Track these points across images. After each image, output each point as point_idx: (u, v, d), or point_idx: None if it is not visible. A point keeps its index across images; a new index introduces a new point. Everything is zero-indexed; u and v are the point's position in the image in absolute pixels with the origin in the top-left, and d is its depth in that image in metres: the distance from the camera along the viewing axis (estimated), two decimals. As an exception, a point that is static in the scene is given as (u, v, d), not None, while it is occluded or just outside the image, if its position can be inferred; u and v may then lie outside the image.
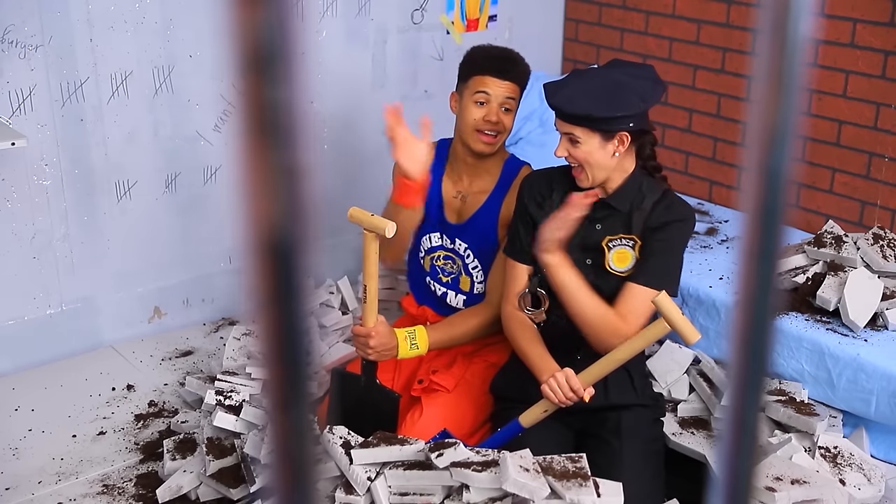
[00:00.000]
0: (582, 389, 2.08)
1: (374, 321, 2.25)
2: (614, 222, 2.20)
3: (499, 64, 2.37)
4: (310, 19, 2.96)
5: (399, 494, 1.94)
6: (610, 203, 2.19)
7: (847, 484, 2.11)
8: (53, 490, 2.20)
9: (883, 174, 2.96)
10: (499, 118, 2.36)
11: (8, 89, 2.54)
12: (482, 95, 2.36)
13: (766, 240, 0.50)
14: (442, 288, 2.57)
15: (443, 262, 2.55)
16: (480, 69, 2.38)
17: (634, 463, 2.15)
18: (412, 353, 2.34)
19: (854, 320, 2.41)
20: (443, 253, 2.55)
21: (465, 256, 2.52)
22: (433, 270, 2.58)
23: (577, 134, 2.11)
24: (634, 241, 2.18)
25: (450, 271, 2.55)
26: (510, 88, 2.37)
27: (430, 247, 2.56)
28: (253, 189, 0.42)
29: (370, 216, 2.14)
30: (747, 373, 0.53)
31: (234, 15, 0.40)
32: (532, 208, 2.26)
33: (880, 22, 2.87)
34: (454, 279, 2.55)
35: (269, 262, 0.43)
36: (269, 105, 0.41)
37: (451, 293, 2.56)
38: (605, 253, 2.18)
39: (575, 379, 2.08)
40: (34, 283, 2.73)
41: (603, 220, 2.20)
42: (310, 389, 0.46)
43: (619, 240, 2.19)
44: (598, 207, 2.19)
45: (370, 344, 2.24)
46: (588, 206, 2.11)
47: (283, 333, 0.45)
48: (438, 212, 2.53)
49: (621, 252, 2.19)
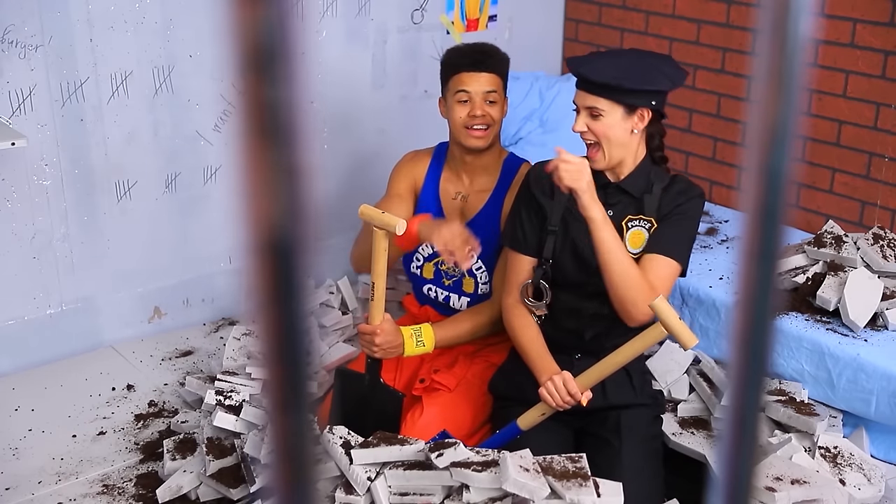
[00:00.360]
0: (580, 393, 2.07)
1: (380, 319, 2.25)
2: (626, 207, 2.21)
3: (472, 58, 2.39)
4: (310, 19, 2.96)
5: (399, 494, 1.94)
6: (623, 188, 2.20)
7: (847, 484, 2.11)
8: (53, 490, 2.20)
9: (883, 174, 2.96)
10: (484, 111, 2.37)
11: (8, 89, 2.54)
12: (463, 94, 2.38)
13: (766, 240, 0.50)
14: (444, 292, 2.57)
15: (446, 265, 2.55)
16: (455, 68, 2.40)
17: (634, 462, 2.15)
18: (418, 351, 2.34)
19: (854, 320, 2.41)
20: None
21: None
22: (437, 275, 2.58)
23: (600, 106, 2.11)
24: (651, 224, 2.19)
25: (452, 274, 2.55)
26: (489, 80, 2.38)
27: (431, 252, 2.55)
28: (253, 189, 0.42)
29: (381, 213, 2.17)
30: (747, 373, 0.53)
31: (234, 15, 0.40)
32: (540, 197, 2.25)
33: (880, 22, 2.87)
34: (456, 282, 2.55)
35: (269, 262, 0.43)
36: (269, 105, 0.41)
37: (453, 296, 2.56)
38: (623, 233, 2.19)
39: (573, 383, 2.08)
40: (34, 283, 2.73)
41: (615, 205, 2.21)
42: (310, 389, 0.46)
43: (639, 220, 2.20)
44: (610, 192, 2.20)
45: (376, 341, 2.24)
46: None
47: (283, 333, 0.45)
48: (437, 215, 2.53)
49: (637, 233, 2.19)
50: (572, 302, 2.23)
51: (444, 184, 2.54)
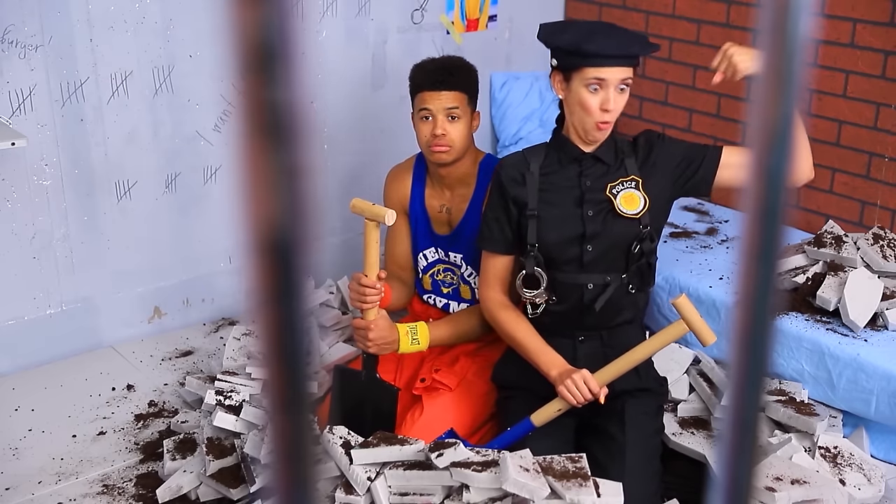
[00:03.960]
0: (599, 390, 2.08)
1: (374, 315, 2.26)
2: (603, 175, 2.22)
3: (433, 77, 2.40)
4: (310, 19, 2.96)
5: (399, 494, 1.94)
6: (597, 156, 2.22)
7: (847, 484, 2.11)
8: (53, 490, 2.20)
9: (883, 174, 2.96)
10: (444, 130, 2.39)
11: (8, 89, 2.54)
12: (425, 111, 2.41)
13: (766, 240, 0.50)
14: (443, 300, 2.61)
15: (443, 275, 2.59)
16: (418, 87, 2.44)
17: (637, 460, 2.15)
18: (413, 348, 2.35)
19: (854, 320, 2.41)
20: (442, 266, 2.59)
21: (461, 267, 2.54)
22: (434, 286, 2.61)
23: (631, 76, 2.12)
24: (636, 181, 2.20)
25: (450, 282, 2.59)
26: (450, 98, 2.40)
27: (426, 264, 2.59)
28: (253, 189, 0.42)
29: (371, 205, 2.20)
30: (747, 373, 0.53)
31: (234, 15, 0.40)
32: (513, 189, 2.24)
33: (880, 22, 2.87)
34: (454, 290, 2.58)
35: (269, 262, 0.43)
36: (269, 105, 0.41)
37: (452, 304, 2.59)
38: (613, 200, 2.19)
39: (593, 381, 2.08)
40: (34, 283, 2.73)
41: (591, 174, 2.22)
42: (310, 389, 0.46)
43: (621, 184, 2.20)
44: (586, 163, 2.22)
45: (369, 336, 2.25)
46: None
47: (283, 333, 0.45)
48: (426, 228, 2.58)
49: (628, 195, 2.19)
50: (571, 278, 2.22)
51: (428, 200, 2.58)
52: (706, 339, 2.07)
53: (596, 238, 2.18)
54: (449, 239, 2.54)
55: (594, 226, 2.18)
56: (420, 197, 2.58)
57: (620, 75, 2.09)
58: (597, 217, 2.19)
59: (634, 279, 2.22)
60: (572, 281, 2.22)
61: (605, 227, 2.18)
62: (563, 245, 2.21)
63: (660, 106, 3.55)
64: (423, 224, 2.58)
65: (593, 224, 2.18)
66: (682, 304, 2.07)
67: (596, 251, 2.19)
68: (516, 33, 3.57)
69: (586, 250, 2.19)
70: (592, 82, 2.09)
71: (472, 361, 2.49)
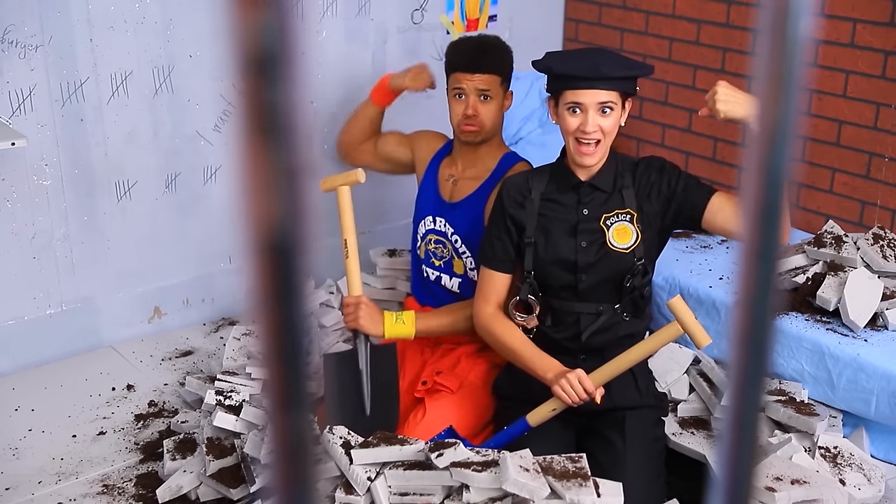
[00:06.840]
0: (594, 390, 2.08)
1: (360, 289, 2.37)
2: (602, 204, 2.21)
3: (468, 58, 2.46)
4: (310, 19, 2.96)
5: (399, 494, 1.94)
6: (595, 185, 2.21)
7: (847, 484, 2.11)
8: (53, 490, 2.20)
9: (883, 174, 2.96)
10: (476, 110, 2.46)
11: (8, 89, 2.54)
12: (458, 90, 2.48)
13: (766, 240, 0.50)
14: (435, 272, 2.63)
15: (434, 245, 2.62)
16: (453, 67, 2.49)
17: (637, 464, 2.15)
18: (398, 329, 2.38)
19: (854, 320, 2.41)
20: (433, 237, 2.62)
21: (454, 241, 2.55)
22: (426, 256, 2.64)
23: (613, 99, 2.11)
24: (631, 214, 2.19)
25: (441, 255, 2.61)
26: (483, 80, 2.45)
27: (424, 232, 2.64)
28: (253, 189, 0.42)
29: (339, 175, 2.39)
30: (747, 373, 0.53)
31: (235, 15, 0.40)
32: (513, 210, 2.26)
33: (880, 22, 2.87)
34: (447, 262, 2.61)
35: (269, 262, 0.43)
36: (269, 105, 0.41)
37: (444, 276, 2.61)
38: (605, 231, 2.19)
39: (588, 380, 2.09)
40: (34, 283, 2.73)
41: (589, 203, 2.21)
42: (310, 389, 0.46)
43: (616, 216, 2.19)
44: (583, 191, 2.21)
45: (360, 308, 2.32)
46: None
47: (283, 333, 0.45)
48: (434, 191, 2.63)
49: (621, 228, 2.19)
50: (568, 305, 2.24)
51: (442, 168, 2.65)
52: (700, 340, 2.06)
53: (589, 269, 2.20)
54: (447, 206, 2.59)
55: (587, 257, 2.19)
56: (437, 162, 2.67)
57: (598, 98, 2.10)
58: (590, 248, 2.19)
59: (628, 309, 2.23)
60: (568, 308, 2.23)
61: (598, 259, 2.19)
62: (558, 273, 2.22)
63: (660, 106, 3.55)
64: (431, 188, 2.64)
65: (586, 255, 2.19)
66: (676, 306, 2.07)
67: (589, 281, 2.20)
68: (516, 33, 3.57)
69: (580, 279, 2.20)
70: (571, 104, 2.12)
71: (474, 364, 2.49)
